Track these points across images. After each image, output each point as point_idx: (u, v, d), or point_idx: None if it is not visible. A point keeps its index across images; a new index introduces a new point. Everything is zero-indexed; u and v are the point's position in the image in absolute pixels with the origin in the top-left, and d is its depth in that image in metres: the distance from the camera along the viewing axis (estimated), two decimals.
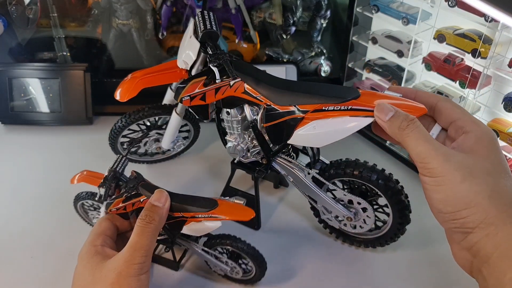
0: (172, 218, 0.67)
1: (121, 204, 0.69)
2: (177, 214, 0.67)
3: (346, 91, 0.66)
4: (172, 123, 0.93)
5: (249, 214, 0.66)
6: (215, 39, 0.74)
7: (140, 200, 0.67)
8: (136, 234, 0.60)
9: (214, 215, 0.65)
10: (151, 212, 0.62)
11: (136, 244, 0.59)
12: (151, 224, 0.61)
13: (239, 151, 0.80)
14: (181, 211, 0.66)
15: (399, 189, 0.74)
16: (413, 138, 0.54)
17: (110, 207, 0.70)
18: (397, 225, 0.77)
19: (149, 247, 0.60)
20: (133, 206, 0.68)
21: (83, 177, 0.78)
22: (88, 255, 0.61)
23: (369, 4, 1.00)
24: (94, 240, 0.63)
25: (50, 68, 1.14)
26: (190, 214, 0.66)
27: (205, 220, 0.66)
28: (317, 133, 0.67)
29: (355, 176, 0.75)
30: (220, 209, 0.65)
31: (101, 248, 0.62)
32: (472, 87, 0.87)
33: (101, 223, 0.67)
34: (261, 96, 0.70)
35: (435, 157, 0.52)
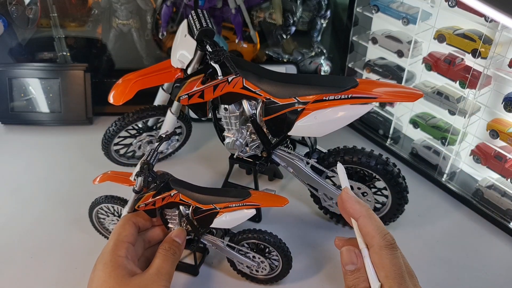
0: (201, 212, 0.68)
1: (150, 199, 0.69)
2: (208, 207, 0.67)
3: (344, 80, 0.68)
4: (167, 123, 0.93)
5: (283, 201, 0.67)
6: (211, 36, 0.75)
7: (170, 194, 0.68)
8: (160, 259, 0.65)
9: (249, 203, 0.66)
10: (174, 246, 0.67)
11: (162, 269, 0.63)
12: (173, 256, 0.66)
13: (238, 146, 0.81)
14: (212, 202, 0.67)
15: (397, 172, 0.78)
16: None
17: (138, 203, 0.70)
18: (396, 206, 0.81)
19: (171, 274, 0.64)
20: (163, 201, 0.68)
21: (107, 176, 0.77)
22: (113, 264, 0.61)
23: (369, 4, 1.00)
24: (117, 248, 0.63)
25: (50, 68, 1.14)
26: (223, 204, 0.66)
27: (239, 209, 0.66)
28: (318, 123, 0.69)
29: (354, 163, 0.78)
30: (254, 197, 0.66)
31: (125, 261, 0.63)
32: (472, 87, 0.87)
33: (124, 225, 0.67)
34: (260, 90, 0.71)
35: None
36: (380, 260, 0.50)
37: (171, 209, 0.71)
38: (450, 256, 0.84)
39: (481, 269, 0.81)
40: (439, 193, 0.97)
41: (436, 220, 0.91)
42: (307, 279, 0.80)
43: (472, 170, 0.96)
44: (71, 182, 1.00)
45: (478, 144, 0.92)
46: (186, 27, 0.79)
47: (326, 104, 0.68)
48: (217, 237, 0.75)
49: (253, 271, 0.78)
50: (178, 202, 0.69)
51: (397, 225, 0.87)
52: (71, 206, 0.93)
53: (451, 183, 0.97)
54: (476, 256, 0.84)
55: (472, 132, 0.92)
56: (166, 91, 0.93)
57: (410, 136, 1.07)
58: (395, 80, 1.02)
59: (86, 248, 0.85)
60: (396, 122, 1.06)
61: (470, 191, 0.94)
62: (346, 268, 0.53)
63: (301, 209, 0.93)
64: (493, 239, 0.87)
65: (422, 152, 1.02)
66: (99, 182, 0.76)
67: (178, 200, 0.69)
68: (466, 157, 0.95)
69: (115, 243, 0.64)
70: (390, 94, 0.66)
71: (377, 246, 0.51)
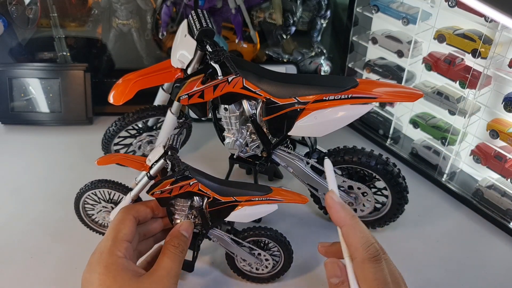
0: (219, 204, 0.66)
1: (168, 186, 0.65)
2: (228, 199, 0.65)
3: (344, 80, 0.68)
4: (167, 123, 0.93)
5: (304, 199, 0.67)
6: (211, 36, 0.75)
7: (189, 183, 0.64)
8: (170, 259, 0.60)
9: (272, 198, 0.65)
10: (182, 242, 0.63)
11: (172, 271, 0.59)
12: (182, 253, 0.62)
13: (238, 146, 0.81)
14: (233, 195, 0.65)
15: (397, 172, 0.78)
16: None
17: (153, 190, 0.65)
18: (396, 206, 0.81)
19: (179, 275, 0.61)
20: (180, 190, 0.65)
21: (116, 157, 0.73)
22: (116, 267, 0.57)
23: (369, 4, 1.00)
24: (116, 247, 0.59)
25: (50, 68, 1.14)
26: (245, 198, 0.65)
27: (262, 203, 0.65)
28: (318, 123, 0.69)
29: (354, 163, 0.78)
30: (276, 193, 0.65)
31: (127, 262, 0.58)
32: (472, 87, 0.87)
33: (124, 220, 0.62)
34: (261, 90, 0.71)
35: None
36: (362, 273, 0.48)
37: (183, 200, 0.67)
38: (450, 256, 0.84)
39: (481, 269, 0.81)
40: (439, 193, 0.97)
41: (436, 220, 0.91)
42: (307, 279, 0.80)
43: (472, 170, 0.96)
44: (71, 182, 1.00)
45: (478, 144, 0.92)
46: (186, 27, 0.79)
47: (326, 104, 0.68)
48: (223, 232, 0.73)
49: (253, 270, 0.77)
50: (196, 193, 0.66)
51: (397, 225, 0.87)
52: (71, 206, 0.93)
53: (451, 183, 0.97)
54: (476, 256, 0.84)
55: (472, 132, 0.92)
56: (166, 91, 0.94)
57: (410, 136, 1.07)
58: (395, 80, 1.02)
59: (86, 248, 0.85)
60: (396, 122, 1.06)
61: (470, 191, 0.94)
62: (330, 280, 0.52)
63: (301, 209, 0.93)
64: (493, 239, 0.87)
65: (422, 152, 1.02)
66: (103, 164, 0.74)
67: (196, 190, 0.65)
68: (466, 157, 0.95)
69: (114, 241, 0.59)
70: (390, 94, 0.66)
71: (359, 259, 0.49)
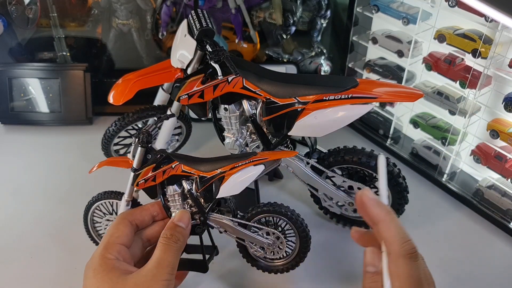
0: (206, 181, 0.64)
1: (150, 173, 0.64)
2: (213, 173, 0.63)
3: (345, 80, 0.68)
4: (166, 123, 0.92)
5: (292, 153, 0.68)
6: (211, 36, 0.75)
7: (171, 166, 0.63)
8: (161, 250, 0.58)
9: (256, 159, 0.62)
10: (176, 232, 0.60)
11: (162, 261, 0.56)
12: (176, 244, 0.59)
13: (238, 146, 0.81)
14: (217, 168, 0.63)
15: (397, 172, 0.78)
16: None
17: (137, 180, 0.65)
18: (397, 206, 0.81)
19: (174, 265, 0.57)
20: (164, 175, 0.64)
21: (104, 162, 0.73)
22: (104, 268, 0.55)
23: (369, 4, 1.00)
24: (107, 250, 0.57)
25: (50, 68, 1.14)
26: (229, 166, 0.62)
27: (247, 166, 0.62)
28: (318, 123, 0.69)
29: (354, 163, 0.78)
30: (260, 155, 0.63)
31: (117, 262, 0.57)
32: (472, 87, 0.87)
33: (118, 225, 0.61)
34: (261, 90, 0.71)
35: None
36: (396, 269, 0.48)
37: (172, 188, 0.66)
38: (450, 256, 0.84)
39: (481, 269, 0.81)
40: (439, 193, 0.97)
41: (436, 220, 0.91)
42: (307, 279, 0.79)
43: (472, 170, 0.96)
44: (71, 182, 1.00)
45: (479, 144, 0.92)
46: (186, 27, 0.79)
47: (326, 104, 0.68)
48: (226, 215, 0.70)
49: (268, 255, 0.72)
50: (180, 175, 0.64)
51: None
52: (71, 206, 0.93)
53: (451, 183, 0.96)
54: (476, 256, 0.84)
55: (472, 132, 0.92)
56: (166, 91, 0.93)
57: (410, 136, 1.07)
58: (395, 80, 1.02)
59: (86, 248, 0.85)
60: (396, 122, 1.06)
61: (470, 191, 0.94)
62: (366, 269, 0.52)
63: (301, 209, 0.92)
64: (493, 239, 0.87)
65: (422, 152, 1.02)
66: (96, 169, 0.74)
67: (180, 172, 0.64)
68: (466, 157, 0.95)
69: (105, 245, 0.58)
70: (390, 94, 0.66)
71: (394, 254, 0.48)
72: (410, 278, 0.47)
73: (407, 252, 0.48)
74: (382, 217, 0.51)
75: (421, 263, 0.49)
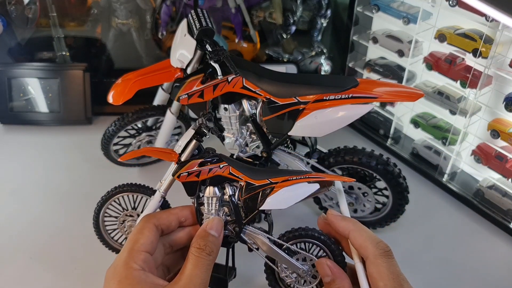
0: (253, 189, 0.59)
1: (196, 167, 0.59)
2: (262, 182, 0.58)
3: (345, 80, 0.68)
4: (166, 123, 0.92)
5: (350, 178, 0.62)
6: (211, 36, 0.75)
7: (219, 166, 0.59)
8: (193, 265, 0.52)
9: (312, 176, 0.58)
10: (209, 242, 0.55)
11: (195, 277, 0.51)
12: (210, 256, 0.54)
13: (238, 146, 0.80)
14: (268, 177, 0.58)
15: (398, 172, 0.78)
16: None
17: (180, 171, 0.60)
18: (397, 206, 0.81)
19: (207, 282, 0.52)
20: (209, 173, 0.60)
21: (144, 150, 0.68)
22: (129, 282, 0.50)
23: (369, 4, 1.00)
24: (132, 259, 0.52)
25: (49, 68, 1.14)
26: (281, 178, 0.58)
27: (301, 181, 0.57)
28: (318, 123, 0.69)
29: (354, 163, 0.78)
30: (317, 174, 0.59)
31: (144, 274, 0.51)
32: (473, 87, 0.86)
33: (143, 229, 0.55)
34: (261, 90, 0.70)
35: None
36: (377, 269, 0.50)
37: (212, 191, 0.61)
38: (451, 256, 0.83)
39: (482, 269, 0.81)
40: (439, 193, 0.97)
41: (437, 220, 0.91)
42: None
43: (473, 170, 0.96)
44: (70, 182, 1.00)
45: (479, 144, 0.92)
46: (185, 27, 0.79)
47: (327, 104, 0.67)
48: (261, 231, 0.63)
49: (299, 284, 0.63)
50: (226, 177, 0.59)
51: (397, 225, 0.87)
52: (70, 206, 0.93)
53: (452, 183, 0.96)
54: (477, 256, 0.84)
55: (473, 132, 0.91)
56: (166, 91, 0.93)
57: (410, 136, 1.07)
58: (395, 79, 1.02)
59: (85, 249, 0.85)
60: (396, 122, 1.06)
61: (471, 191, 0.94)
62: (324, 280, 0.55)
63: (301, 209, 0.92)
64: (493, 239, 0.87)
65: (422, 152, 1.01)
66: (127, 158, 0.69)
67: (226, 173, 0.59)
68: (467, 157, 0.95)
69: (130, 253, 0.53)
70: (391, 94, 0.66)
71: (372, 256, 0.50)
72: (391, 275, 0.49)
73: (384, 250, 0.51)
74: (351, 227, 0.53)
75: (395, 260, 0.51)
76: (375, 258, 0.50)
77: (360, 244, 0.52)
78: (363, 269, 0.52)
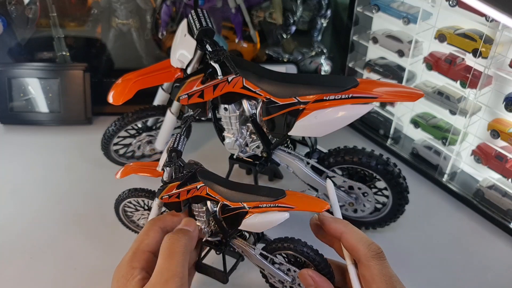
0: (229, 210, 0.60)
1: (174, 190, 0.61)
2: (237, 205, 0.59)
3: (345, 80, 0.68)
4: (166, 123, 0.92)
5: (323, 205, 0.56)
6: (211, 36, 0.75)
7: (196, 187, 0.60)
8: (164, 258, 0.52)
9: (282, 204, 0.56)
10: (181, 236, 0.56)
11: (168, 273, 0.50)
12: (180, 242, 0.54)
13: (238, 146, 0.81)
14: (242, 200, 0.59)
15: (397, 172, 0.78)
16: None
17: (161, 194, 0.62)
18: (397, 206, 0.81)
19: (182, 274, 0.51)
20: (188, 194, 0.61)
21: (131, 168, 0.71)
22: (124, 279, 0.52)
23: (369, 4, 1.00)
24: (134, 258, 0.54)
25: (49, 68, 1.14)
26: (253, 203, 0.58)
27: (271, 210, 0.57)
28: (318, 123, 0.69)
29: (354, 163, 0.78)
30: (289, 198, 0.57)
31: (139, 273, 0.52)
32: (473, 87, 0.86)
33: (148, 231, 0.57)
34: (261, 90, 0.70)
35: None
36: (369, 272, 0.49)
37: (198, 205, 0.63)
38: (451, 257, 0.83)
39: (482, 269, 0.81)
40: (439, 193, 0.97)
41: (437, 220, 0.91)
42: None
43: (472, 170, 0.96)
44: (70, 182, 1.00)
45: (479, 144, 0.92)
46: (186, 27, 0.79)
47: (327, 104, 0.67)
48: (249, 242, 0.65)
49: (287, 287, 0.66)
50: (204, 197, 0.61)
51: (397, 225, 0.87)
52: (70, 206, 0.93)
53: (452, 183, 0.96)
54: (477, 256, 0.84)
55: (473, 132, 0.91)
56: (166, 91, 0.93)
57: (410, 136, 1.07)
58: (395, 80, 1.02)
59: (85, 249, 0.85)
60: (396, 122, 1.06)
61: (470, 191, 0.94)
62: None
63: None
64: (493, 239, 0.87)
65: (422, 152, 1.02)
66: (122, 177, 0.71)
67: (204, 194, 0.61)
68: (467, 157, 0.95)
69: (134, 252, 0.55)
70: (391, 94, 0.66)
71: (364, 258, 0.50)
72: (384, 277, 0.49)
73: (375, 252, 0.50)
74: (343, 229, 0.53)
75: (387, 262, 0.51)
76: (367, 260, 0.50)
77: (352, 246, 0.52)
78: (355, 271, 0.52)
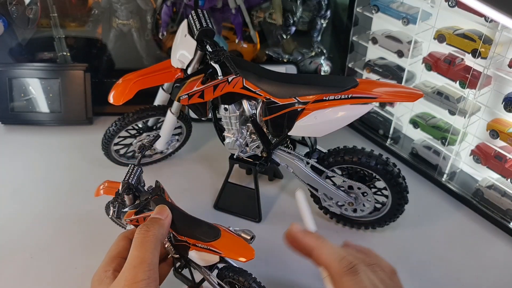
0: (177, 241, 0.64)
1: (133, 216, 0.65)
2: (182, 238, 0.62)
3: (345, 80, 0.68)
4: (167, 123, 0.93)
5: (249, 255, 0.58)
6: (211, 36, 0.75)
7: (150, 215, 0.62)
8: (134, 247, 0.54)
9: (212, 248, 0.60)
10: (150, 223, 0.57)
11: (136, 260, 0.52)
12: (149, 232, 0.55)
13: (238, 146, 0.81)
14: (185, 235, 0.62)
15: (397, 172, 0.78)
16: None
17: (125, 217, 0.66)
18: (396, 206, 0.81)
19: (151, 260, 0.52)
20: (144, 220, 0.64)
21: (105, 189, 0.75)
22: (98, 282, 0.54)
23: (369, 4, 1.00)
24: (107, 264, 0.57)
25: (50, 68, 1.14)
26: (193, 241, 0.61)
27: (205, 251, 0.61)
28: (318, 123, 0.69)
29: (354, 163, 0.78)
30: (220, 241, 0.60)
31: (112, 274, 0.55)
32: (472, 87, 0.87)
33: (118, 242, 0.61)
34: (261, 90, 0.71)
35: None
36: None
37: None
38: (450, 256, 0.84)
39: (481, 269, 0.81)
40: (439, 193, 0.97)
41: (436, 220, 0.91)
42: (307, 278, 0.79)
43: (472, 170, 0.96)
44: (71, 182, 1.00)
45: (478, 144, 0.92)
46: (186, 27, 0.79)
47: (326, 104, 0.68)
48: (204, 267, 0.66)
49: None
50: None
51: (397, 225, 0.87)
52: (70, 206, 0.93)
53: (451, 183, 0.97)
54: (476, 256, 0.84)
55: (472, 132, 0.92)
56: (166, 91, 0.94)
57: (410, 136, 1.07)
58: (395, 80, 1.02)
59: (85, 248, 0.85)
60: (396, 122, 1.06)
61: (470, 191, 0.94)
62: None
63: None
64: (493, 239, 0.87)
65: (422, 152, 1.02)
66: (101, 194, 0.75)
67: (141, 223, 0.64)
68: (466, 157, 0.95)
69: (106, 261, 0.58)
70: (390, 94, 0.66)
71: (336, 275, 0.49)
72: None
73: (346, 268, 0.48)
74: (314, 244, 0.52)
75: (364, 274, 0.48)
76: (339, 277, 0.48)
77: (324, 261, 0.50)
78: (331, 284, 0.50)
